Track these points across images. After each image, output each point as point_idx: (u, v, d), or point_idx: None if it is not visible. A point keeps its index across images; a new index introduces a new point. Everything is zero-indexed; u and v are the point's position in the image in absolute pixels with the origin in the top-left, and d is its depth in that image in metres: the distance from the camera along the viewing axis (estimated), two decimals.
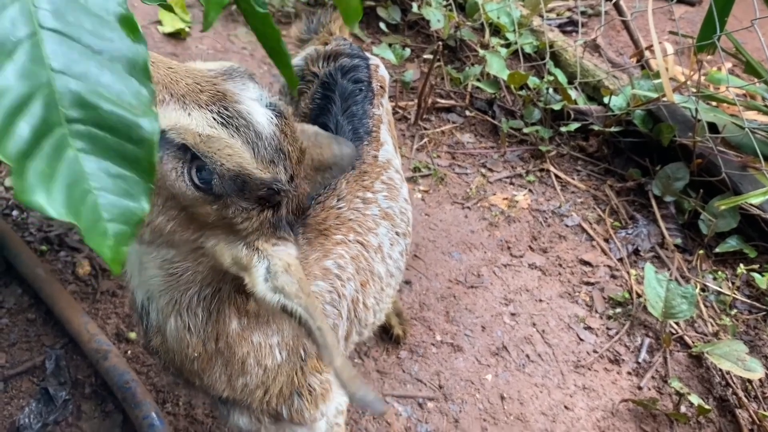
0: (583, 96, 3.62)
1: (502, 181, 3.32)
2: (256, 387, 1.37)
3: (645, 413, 2.37)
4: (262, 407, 1.42)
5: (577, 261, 2.94)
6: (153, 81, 0.98)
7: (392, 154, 1.91)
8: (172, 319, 1.24)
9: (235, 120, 1.03)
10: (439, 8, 3.98)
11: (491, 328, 2.61)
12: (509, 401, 2.37)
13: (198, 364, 1.29)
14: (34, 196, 0.69)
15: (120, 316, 2.45)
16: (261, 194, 1.07)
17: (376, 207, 1.71)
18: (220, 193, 1.03)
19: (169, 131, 1.00)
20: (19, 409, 2.16)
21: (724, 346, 2.42)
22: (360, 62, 1.91)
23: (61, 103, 0.70)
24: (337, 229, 1.57)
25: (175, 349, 1.28)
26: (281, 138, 1.09)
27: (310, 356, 1.44)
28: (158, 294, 1.23)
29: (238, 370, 1.32)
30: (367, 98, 1.85)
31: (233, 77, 1.09)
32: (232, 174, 1.02)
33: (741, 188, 2.88)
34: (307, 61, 1.94)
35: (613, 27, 4.51)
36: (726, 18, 2.68)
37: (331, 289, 1.50)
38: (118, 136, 0.72)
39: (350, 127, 1.75)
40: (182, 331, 1.24)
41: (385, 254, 1.72)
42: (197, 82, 1.04)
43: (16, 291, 2.48)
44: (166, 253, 1.15)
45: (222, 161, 1.01)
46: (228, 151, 1.02)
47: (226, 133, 1.02)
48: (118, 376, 2.15)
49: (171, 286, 1.20)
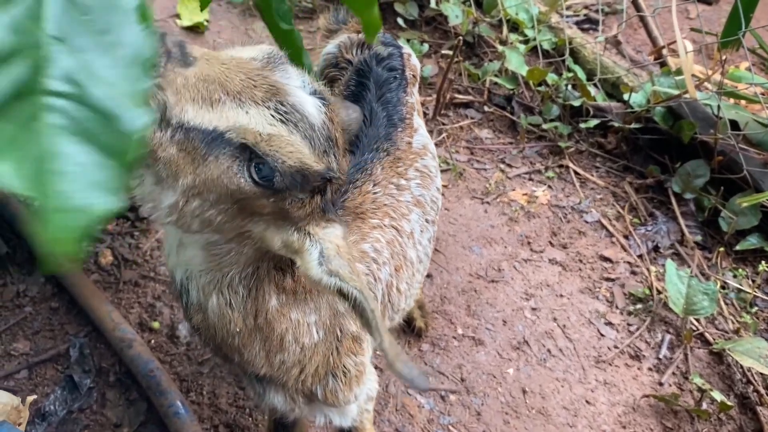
0: (602, 93, 3.61)
1: (521, 176, 3.32)
2: (293, 365, 1.38)
3: (666, 409, 2.37)
4: (297, 386, 1.43)
5: (597, 257, 2.93)
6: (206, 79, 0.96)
7: (427, 138, 1.91)
8: (213, 296, 1.25)
9: (292, 115, 1.03)
10: (457, 4, 3.97)
11: (512, 322, 2.61)
12: (531, 395, 2.37)
13: (239, 339, 1.29)
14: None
15: (143, 305, 2.46)
16: (316, 185, 1.08)
17: (408, 194, 1.72)
18: (280, 188, 1.04)
19: (228, 132, 1.00)
20: (44, 396, 2.17)
21: (746, 343, 2.42)
22: (394, 50, 1.92)
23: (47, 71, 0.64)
24: (374, 214, 1.58)
25: (217, 325, 1.28)
26: (330, 126, 1.10)
27: (346, 337, 1.45)
28: (198, 273, 1.24)
29: (277, 346, 1.33)
30: (401, 86, 1.86)
31: (276, 65, 1.09)
32: (293, 170, 1.03)
33: (762, 186, 2.87)
34: (341, 48, 1.94)
35: (630, 25, 4.50)
36: (751, 14, 2.67)
37: (368, 272, 1.51)
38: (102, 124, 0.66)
39: (385, 113, 1.75)
40: (224, 307, 1.25)
41: (416, 240, 1.73)
42: (250, 77, 1.03)
43: (40, 279, 2.49)
44: (210, 236, 1.15)
45: (284, 159, 1.01)
46: (290, 148, 1.02)
47: (286, 130, 1.02)
48: (143, 365, 2.16)
49: (213, 266, 1.21)
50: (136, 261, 2.61)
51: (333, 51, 1.96)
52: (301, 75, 1.11)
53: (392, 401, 2.28)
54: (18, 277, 2.50)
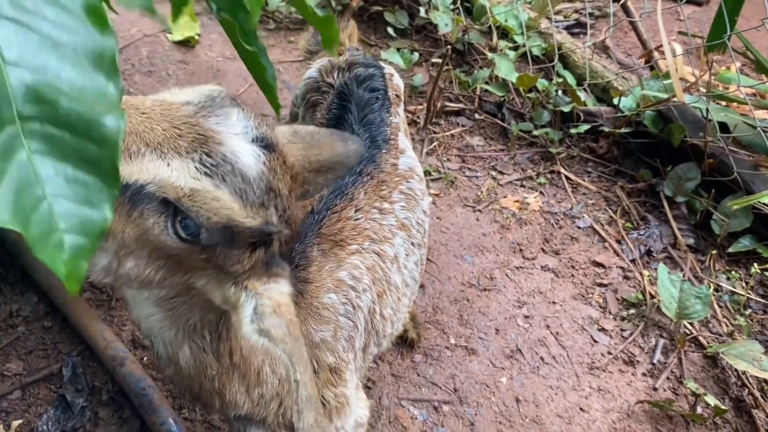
0: (592, 97, 3.62)
1: (513, 183, 3.32)
2: (272, 398, 1.37)
3: (661, 414, 2.37)
4: (277, 420, 1.41)
5: (590, 262, 2.93)
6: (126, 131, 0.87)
7: (414, 160, 1.89)
8: (185, 347, 1.22)
9: (220, 167, 0.96)
10: (447, 12, 3.99)
11: (505, 330, 2.61)
12: (524, 404, 2.37)
13: (218, 381, 1.28)
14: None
15: (135, 323, 2.46)
16: (252, 240, 1.02)
17: (392, 217, 1.70)
18: (208, 244, 0.99)
19: (148, 185, 0.94)
20: (37, 416, 2.17)
21: (740, 346, 2.41)
22: (375, 71, 1.92)
23: (13, 98, 0.63)
24: (353, 240, 1.56)
25: (192, 374, 1.26)
26: (270, 176, 1.02)
27: (323, 369, 1.44)
28: (160, 329, 1.21)
29: (254, 380, 1.32)
30: (383, 107, 1.85)
31: (213, 109, 1.02)
32: (220, 226, 0.97)
33: (753, 188, 2.87)
34: (321, 72, 1.94)
35: (620, 28, 4.51)
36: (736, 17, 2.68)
37: (345, 300, 1.49)
38: (79, 136, 0.65)
39: (367, 135, 1.74)
40: (198, 353, 1.23)
41: (401, 264, 1.71)
42: (175, 126, 0.96)
43: (32, 299, 2.50)
44: (159, 292, 1.12)
45: (209, 215, 0.96)
46: (214, 204, 0.96)
47: (211, 183, 0.95)
48: (135, 383, 2.16)
49: (173, 321, 1.18)
50: None
51: (314, 75, 1.96)
52: (244, 120, 1.03)
53: (385, 413, 2.28)
54: (11, 296, 2.50)
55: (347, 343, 1.50)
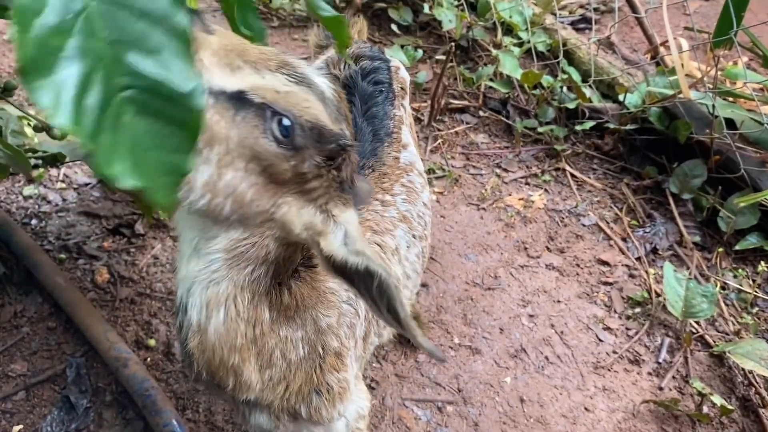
0: (598, 94, 3.60)
1: (518, 181, 3.30)
2: (278, 382, 1.37)
3: (666, 414, 2.35)
4: (282, 405, 1.42)
5: (595, 261, 2.91)
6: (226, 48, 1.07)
7: (415, 156, 1.90)
8: (222, 309, 1.22)
9: (305, 80, 1.11)
10: (451, 8, 3.97)
11: (509, 330, 2.60)
12: (529, 404, 2.36)
13: (239, 356, 1.28)
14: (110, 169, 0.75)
15: (139, 323, 2.47)
16: (331, 148, 1.13)
17: (394, 209, 1.71)
18: (299, 145, 1.09)
19: (248, 92, 1.06)
20: (41, 418, 2.18)
21: (746, 344, 2.40)
22: (380, 64, 1.92)
23: (115, 73, 0.75)
24: None
25: (216, 345, 1.26)
26: (339, 101, 1.17)
27: (329, 353, 1.44)
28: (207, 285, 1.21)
29: (266, 361, 1.32)
30: (387, 100, 1.86)
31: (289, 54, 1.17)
32: (310, 125, 1.09)
33: (760, 184, 2.85)
34: (328, 64, 1.95)
35: (626, 23, 4.47)
36: (743, 12, 2.65)
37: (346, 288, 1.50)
38: (165, 100, 0.77)
39: (370, 128, 1.75)
40: (233, 318, 1.23)
41: (402, 256, 1.72)
42: (263, 52, 1.11)
43: (36, 300, 2.50)
44: (234, 232, 1.16)
45: (301, 113, 1.08)
46: (306, 104, 1.09)
47: (300, 90, 1.10)
48: (138, 384, 2.16)
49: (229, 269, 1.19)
50: (132, 278, 2.61)
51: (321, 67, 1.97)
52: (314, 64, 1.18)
53: (389, 414, 2.28)
54: (15, 297, 2.51)
55: (349, 330, 1.52)
